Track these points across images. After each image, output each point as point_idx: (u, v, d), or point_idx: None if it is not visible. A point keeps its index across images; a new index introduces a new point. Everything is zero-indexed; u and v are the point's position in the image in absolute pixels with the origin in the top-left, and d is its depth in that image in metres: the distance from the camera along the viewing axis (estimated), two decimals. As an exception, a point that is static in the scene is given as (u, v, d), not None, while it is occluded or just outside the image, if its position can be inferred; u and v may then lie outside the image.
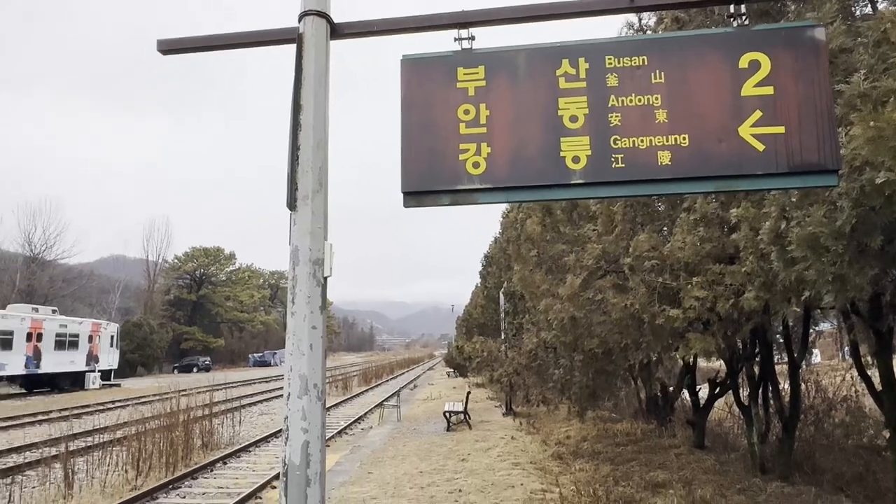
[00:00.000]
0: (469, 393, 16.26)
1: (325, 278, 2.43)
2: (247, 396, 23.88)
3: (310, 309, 2.37)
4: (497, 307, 20.49)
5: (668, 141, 2.42)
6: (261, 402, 25.08)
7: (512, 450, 11.43)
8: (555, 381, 8.62)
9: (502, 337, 16.27)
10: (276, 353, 78.87)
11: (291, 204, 2.45)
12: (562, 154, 2.46)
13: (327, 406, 21.91)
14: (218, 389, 15.72)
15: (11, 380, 29.76)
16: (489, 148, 2.50)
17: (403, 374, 49.86)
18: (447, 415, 15.15)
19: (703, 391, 11.45)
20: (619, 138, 2.45)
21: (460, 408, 15.38)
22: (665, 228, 6.51)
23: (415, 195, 2.53)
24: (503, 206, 21.12)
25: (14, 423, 18.57)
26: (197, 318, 70.23)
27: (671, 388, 12.55)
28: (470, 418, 15.36)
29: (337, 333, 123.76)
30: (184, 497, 9.47)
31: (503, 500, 7.73)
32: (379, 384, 36.96)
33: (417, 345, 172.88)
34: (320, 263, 2.42)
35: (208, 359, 61.02)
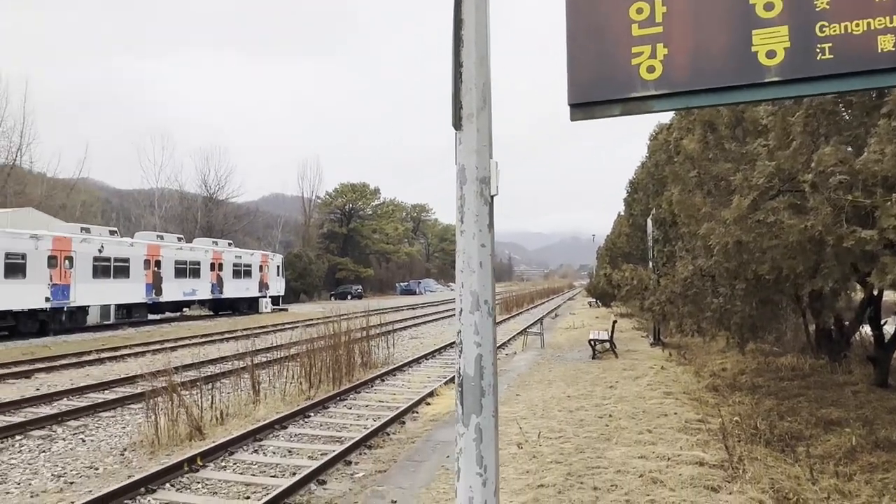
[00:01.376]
0: (615, 322, 15.99)
1: (492, 197, 2.43)
2: (397, 322, 25.51)
3: (478, 227, 2.39)
4: (644, 235, 19.58)
5: (891, 23, 2.03)
6: (410, 327, 26.72)
7: (662, 379, 11.15)
8: (712, 311, 8.14)
9: (650, 266, 15.61)
10: (420, 283, 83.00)
11: (456, 123, 2.43)
12: (753, 49, 2.17)
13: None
14: (372, 315, 16.94)
15: (202, 303, 34.40)
16: (665, 49, 2.28)
17: (543, 303, 50.16)
18: (592, 343, 15.07)
19: (888, 327, 10.22)
20: (826, 24, 2.10)
21: (606, 336, 15.20)
22: (855, 140, 5.68)
23: (583, 107, 2.39)
24: (650, 128, 19.74)
25: (207, 339, 21.58)
26: (348, 249, 75.46)
27: (846, 322, 11.35)
28: (616, 347, 15.16)
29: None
30: (350, 408, 10.49)
31: (656, 426, 7.62)
32: (520, 313, 37.61)
33: (556, 275, 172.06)
34: (487, 182, 2.41)
35: (360, 287, 65.76)
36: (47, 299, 22.49)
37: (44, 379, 13.69)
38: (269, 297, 38.78)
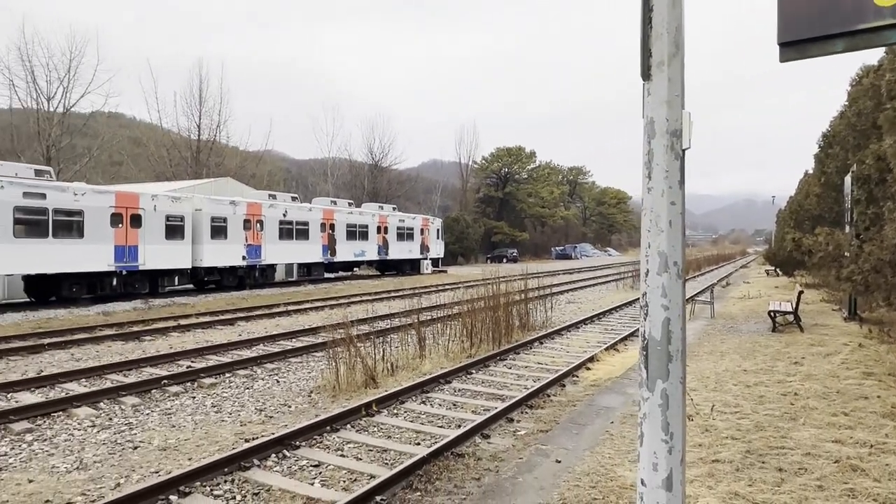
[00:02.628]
0: (801, 292, 14.38)
1: (684, 150, 2.26)
2: (554, 286, 25.34)
3: (668, 184, 2.25)
4: (839, 195, 17.22)
5: None
6: (566, 291, 26.40)
7: (860, 358, 9.86)
8: (932, 282, 6.95)
9: (847, 230, 13.70)
10: (576, 247, 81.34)
11: (645, 73, 2.29)
12: None
13: (633, 298, 21.96)
14: (529, 278, 16.96)
15: (369, 264, 36.95)
16: (909, -32, 1.92)
17: (711, 270, 46.55)
18: (772, 314, 13.73)
19: None
20: None
21: (789, 308, 13.75)
22: None
23: (797, 45, 2.11)
24: (852, 72, 17.01)
25: (376, 297, 23.20)
26: (504, 213, 75.97)
27: None
28: (801, 320, 13.67)
29: (636, 228, 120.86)
30: (509, 368, 10.69)
31: (854, 409, 6.79)
32: (686, 280, 35.31)
33: (726, 241, 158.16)
34: (678, 135, 2.25)
35: (515, 251, 66.13)
36: (244, 258, 25.64)
37: (244, 327, 15.72)
38: (430, 258, 40.54)
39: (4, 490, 5.39)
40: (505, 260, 60.25)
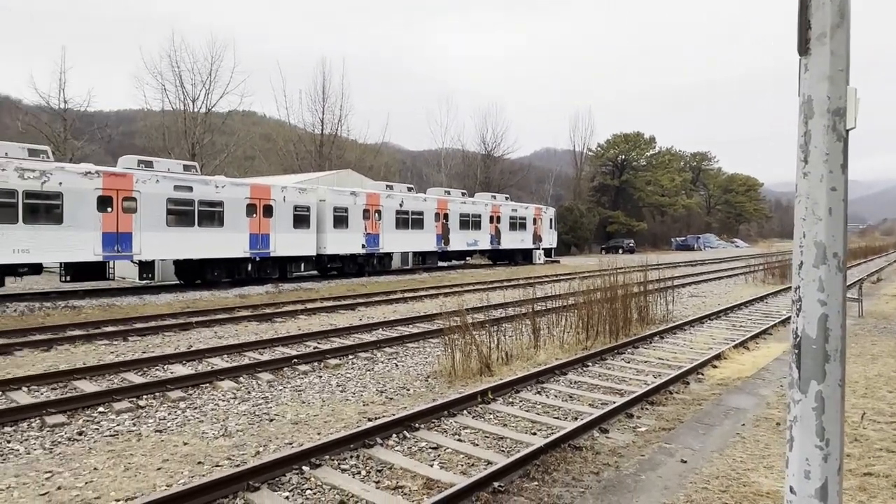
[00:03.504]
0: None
1: (848, 131, 2.05)
2: (675, 278, 24.09)
3: (828, 168, 2.05)
4: None
5: None
6: (689, 284, 25.01)
7: None
8: None
9: None
10: (699, 238, 76.64)
11: (802, 47, 2.09)
12: None
13: (765, 294, 20.35)
14: (649, 270, 16.25)
15: (482, 253, 37.22)
16: None
17: (859, 264, 41.95)
18: (936, 315, 12.14)
19: None
20: None
21: (957, 308, 12.07)
22: None
23: None
24: None
25: (489, 286, 23.35)
26: (620, 202, 73.26)
27: None
28: (973, 323, 11.97)
29: (768, 217, 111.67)
30: (627, 362, 10.34)
31: None
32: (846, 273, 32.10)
33: (876, 231, 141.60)
34: (841, 114, 2.04)
35: (632, 241, 63.61)
36: (363, 246, 26.82)
37: (364, 312, 16.48)
38: (542, 248, 40.07)
39: (165, 450, 6.08)
40: (621, 251, 58.13)
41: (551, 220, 41.53)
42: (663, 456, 5.55)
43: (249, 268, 22.63)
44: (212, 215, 21.02)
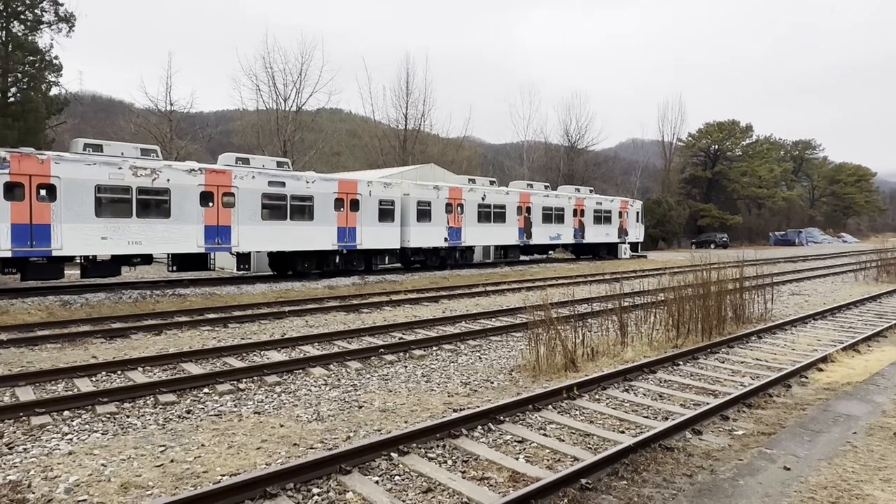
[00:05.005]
0: None
1: None
2: (774, 275, 22.66)
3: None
4: None
5: None
6: (789, 282, 23.47)
7: None
8: None
9: None
10: (801, 232, 71.64)
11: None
12: None
13: (878, 293, 18.71)
14: (744, 265, 15.37)
15: (565, 247, 36.58)
16: None
17: None
18: None
19: None
20: None
21: None
22: None
23: None
24: None
25: (573, 281, 22.94)
26: (712, 194, 69.71)
27: None
28: None
29: (882, 210, 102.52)
30: (722, 362, 9.86)
31: None
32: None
33: None
34: None
35: (725, 235, 60.43)
36: (445, 239, 27.09)
37: (447, 304, 16.67)
38: (628, 243, 38.84)
39: (263, 430, 6.44)
40: (713, 245, 55.36)
41: (638, 213, 40.16)
42: (763, 462, 5.26)
43: (337, 260, 23.44)
44: (302, 209, 21.93)
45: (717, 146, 71.46)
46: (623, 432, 6.43)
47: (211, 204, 19.45)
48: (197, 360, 9.56)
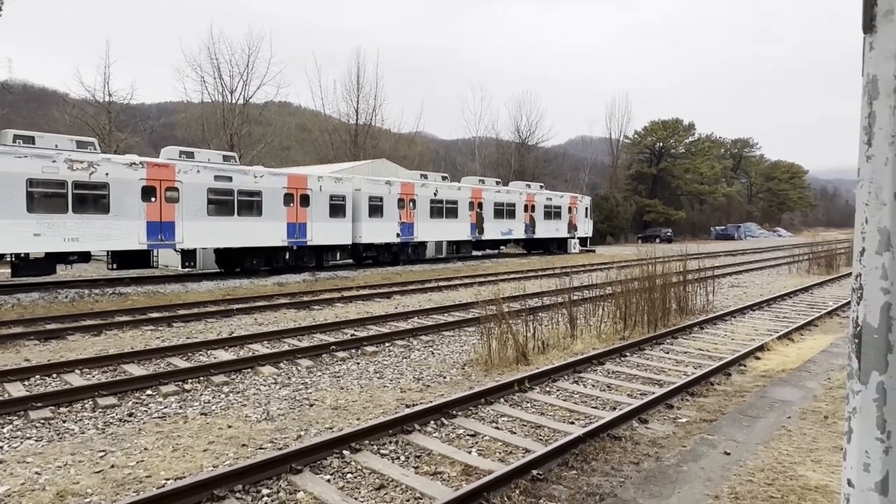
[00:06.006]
0: None
1: (916, 112, 1.96)
2: (715, 268, 23.58)
3: (893, 151, 1.95)
4: None
5: None
6: (729, 274, 24.44)
7: None
8: None
9: None
10: (739, 227, 74.74)
11: (867, 24, 2.00)
12: None
13: (810, 284, 19.74)
14: (687, 259, 15.94)
15: (516, 242, 37.04)
16: None
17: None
18: None
19: None
20: None
21: None
22: None
23: None
24: None
25: (524, 275, 23.25)
26: (657, 190, 71.89)
27: None
28: None
29: (813, 206, 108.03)
30: (666, 353, 10.19)
31: None
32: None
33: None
34: (909, 93, 1.95)
35: (670, 230, 62.41)
36: (398, 235, 26.98)
37: (399, 300, 16.61)
38: (577, 238, 39.64)
39: (210, 432, 6.26)
40: (658, 240, 57.07)
41: (587, 208, 41.02)
42: (705, 447, 5.46)
43: (287, 256, 23.02)
44: (250, 205, 21.42)
45: (661, 144, 73.71)
46: (573, 423, 6.57)
47: (153, 199, 18.76)
48: (139, 361, 9.22)
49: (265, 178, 21.90)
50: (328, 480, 5.04)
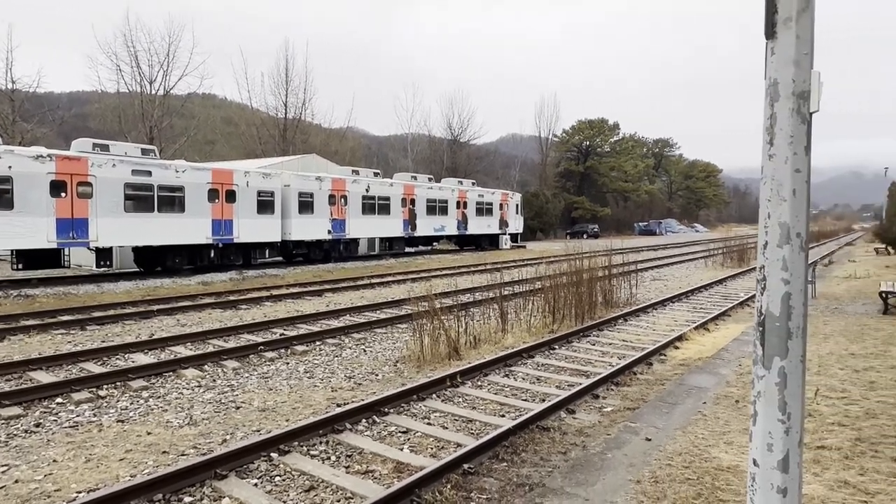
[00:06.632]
0: (917, 273, 13.19)
1: (811, 114, 2.10)
2: (638, 262, 24.57)
3: (792, 150, 2.10)
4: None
5: None
6: (652, 268, 25.56)
7: None
8: None
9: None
10: (661, 223, 78.25)
11: (769, 30, 2.13)
12: None
13: (724, 277, 20.93)
14: (613, 254, 16.53)
15: (449, 238, 37.24)
16: None
17: (812, 248, 43.52)
18: (884, 295, 12.70)
19: None
20: None
21: (904, 289, 12.67)
22: None
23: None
24: None
25: (456, 271, 23.42)
26: (584, 188, 74.14)
27: None
28: (917, 303, 12.56)
29: (727, 203, 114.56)
30: (593, 344, 10.53)
31: (982, 401, 6.20)
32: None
33: (828, 217, 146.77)
34: (805, 97, 2.09)
35: (596, 226, 64.52)
36: (329, 232, 26.53)
37: (331, 298, 16.34)
38: (509, 234, 40.32)
39: (127, 440, 5.94)
40: (585, 235, 58.83)
41: (518, 205, 41.78)
42: (628, 434, 5.68)
43: (212, 254, 22.17)
44: (172, 200, 20.47)
45: (588, 142, 76.04)
46: (504, 416, 6.67)
47: (64, 194, 17.58)
48: (48, 368, 8.61)
49: (188, 172, 20.98)
50: (255, 485, 4.89)
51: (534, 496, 4.48)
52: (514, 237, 41.32)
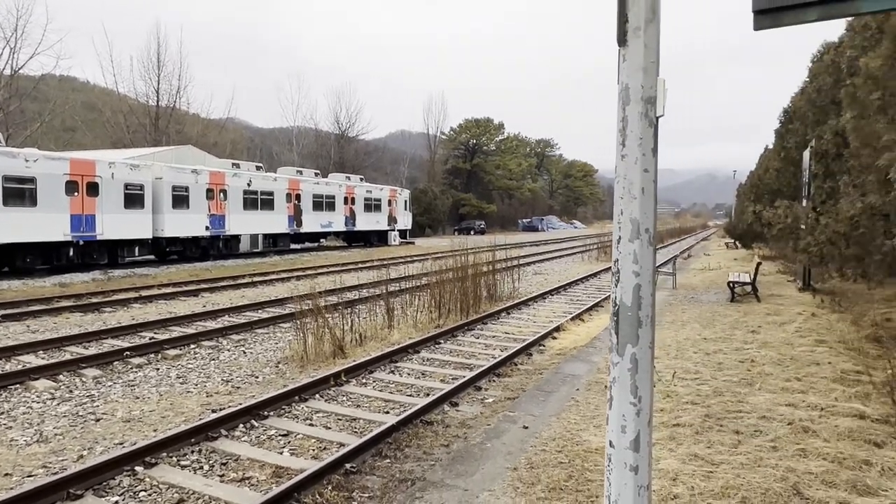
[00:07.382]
0: (759, 264, 14.84)
1: (658, 118, 2.27)
2: (521, 257, 25.55)
3: (641, 151, 2.26)
4: (797, 170, 17.68)
5: None
6: (533, 263, 26.69)
7: (813, 327, 10.28)
8: (883, 255, 7.23)
9: (804, 203, 14.13)
10: (543, 220, 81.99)
11: (621, 38, 2.27)
12: None
13: (598, 270, 22.32)
14: (496, 249, 17.07)
15: (337, 235, 36.59)
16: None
17: (673, 243, 47.66)
18: (731, 285, 14.16)
19: None
20: None
21: (747, 279, 14.19)
22: None
23: (771, 13, 2.11)
24: (813, 49, 17.36)
25: (343, 268, 23.05)
26: (472, 185, 75.91)
27: None
28: (758, 291, 14.13)
29: (602, 201, 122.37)
30: (477, 338, 10.80)
31: (806, 375, 7.09)
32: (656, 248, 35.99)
33: (688, 214, 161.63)
34: (652, 102, 2.25)
35: (483, 223, 66.32)
36: (207, 228, 25.08)
37: (208, 298, 15.46)
38: (397, 230, 40.36)
39: (-40, 464, 5.24)
40: (472, 232, 60.37)
41: (406, 201, 41.93)
42: (507, 424, 5.88)
43: (71, 253, 20.16)
44: (21, 193, 18.36)
45: (475, 141, 77.93)
46: (388, 412, 6.65)
47: None
48: None
49: (40, 162, 18.91)
50: (116, 502, 4.50)
51: (415, 490, 4.50)
52: (402, 233, 41.44)
